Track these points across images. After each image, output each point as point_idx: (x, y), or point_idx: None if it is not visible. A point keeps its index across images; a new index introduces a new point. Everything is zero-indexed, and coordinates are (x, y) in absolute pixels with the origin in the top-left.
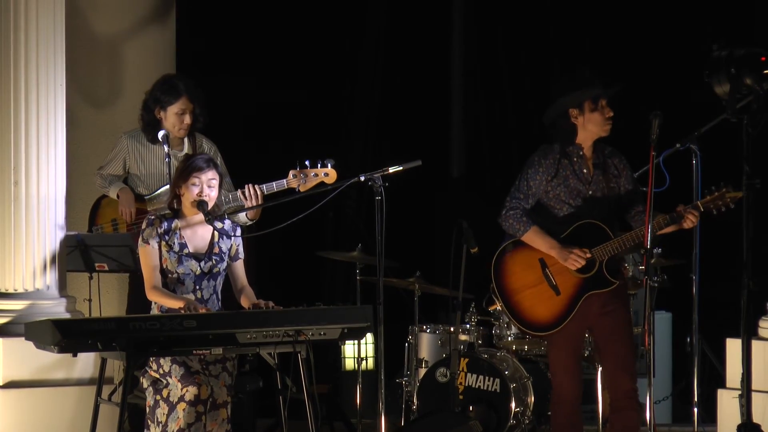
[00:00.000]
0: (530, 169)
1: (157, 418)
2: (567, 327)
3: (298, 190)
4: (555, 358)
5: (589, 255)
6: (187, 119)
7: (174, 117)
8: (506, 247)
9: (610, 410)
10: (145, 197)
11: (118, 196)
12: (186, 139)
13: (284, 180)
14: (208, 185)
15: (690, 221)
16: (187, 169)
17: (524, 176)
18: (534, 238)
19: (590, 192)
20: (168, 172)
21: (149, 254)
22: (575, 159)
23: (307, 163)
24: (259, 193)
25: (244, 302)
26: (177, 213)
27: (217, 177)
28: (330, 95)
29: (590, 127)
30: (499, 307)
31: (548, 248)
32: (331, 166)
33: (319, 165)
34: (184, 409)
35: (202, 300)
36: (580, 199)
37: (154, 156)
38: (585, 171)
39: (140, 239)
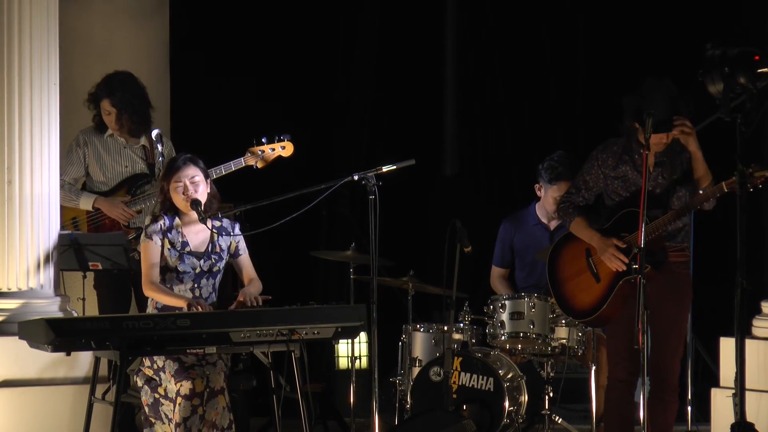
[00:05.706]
0: (587, 163)
1: (166, 415)
2: (623, 314)
3: (256, 167)
4: (609, 345)
5: (624, 245)
6: (112, 121)
7: (105, 116)
8: (560, 240)
9: (650, 395)
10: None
11: (95, 208)
12: (144, 136)
13: (241, 158)
14: (190, 182)
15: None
16: (168, 172)
17: (582, 170)
18: (578, 229)
19: (649, 188)
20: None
21: (150, 249)
22: (636, 156)
23: (264, 139)
24: None
25: (241, 295)
26: (177, 212)
27: (199, 173)
28: (324, 95)
29: (650, 142)
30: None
31: (589, 238)
32: (288, 140)
33: (276, 140)
34: (179, 404)
35: (201, 298)
36: (637, 194)
37: (114, 149)
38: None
39: (143, 234)
